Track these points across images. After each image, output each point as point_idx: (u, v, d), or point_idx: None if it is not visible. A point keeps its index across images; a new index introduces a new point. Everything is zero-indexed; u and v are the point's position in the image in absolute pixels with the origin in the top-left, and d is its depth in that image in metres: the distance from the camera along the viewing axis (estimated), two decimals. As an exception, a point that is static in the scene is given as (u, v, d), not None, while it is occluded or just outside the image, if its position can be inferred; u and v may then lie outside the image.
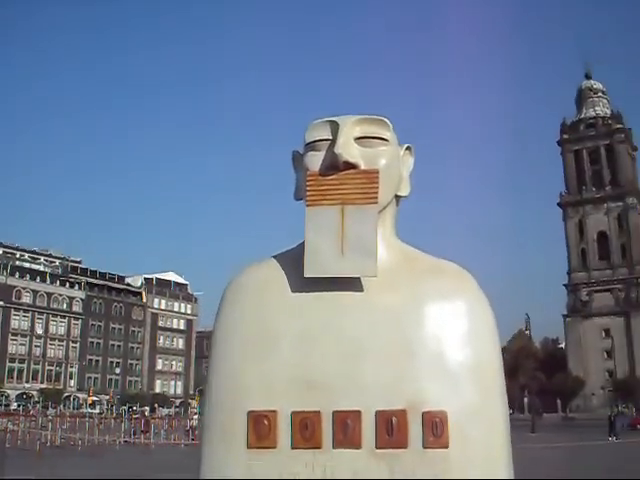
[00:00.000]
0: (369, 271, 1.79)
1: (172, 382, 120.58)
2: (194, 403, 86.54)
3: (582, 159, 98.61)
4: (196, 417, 41.65)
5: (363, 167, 1.87)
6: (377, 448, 1.69)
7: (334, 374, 1.75)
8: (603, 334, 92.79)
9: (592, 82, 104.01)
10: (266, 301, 1.88)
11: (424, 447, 1.68)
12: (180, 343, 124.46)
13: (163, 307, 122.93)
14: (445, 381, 1.74)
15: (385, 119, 1.97)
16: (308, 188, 1.87)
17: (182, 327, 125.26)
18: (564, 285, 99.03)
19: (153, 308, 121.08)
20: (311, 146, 1.95)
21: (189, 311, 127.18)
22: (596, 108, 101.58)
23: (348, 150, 1.86)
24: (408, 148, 2.10)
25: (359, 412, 1.71)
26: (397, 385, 1.73)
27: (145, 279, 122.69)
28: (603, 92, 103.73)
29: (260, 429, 1.74)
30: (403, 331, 1.79)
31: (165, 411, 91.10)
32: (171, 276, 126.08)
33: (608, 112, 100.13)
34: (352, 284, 1.84)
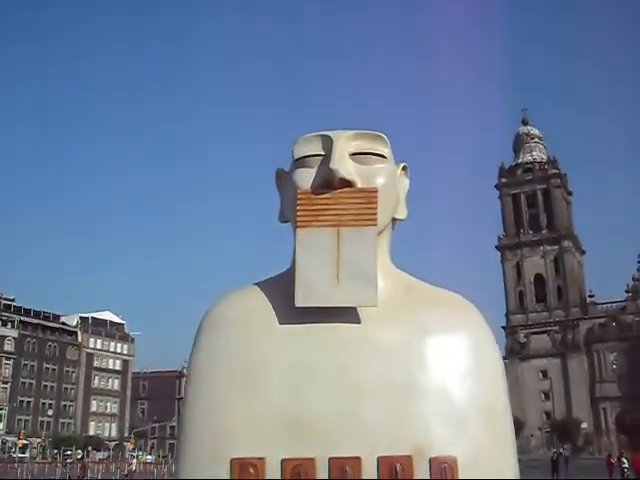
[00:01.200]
0: (369, 301, 1.61)
1: (107, 424, 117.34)
2: (129, 446, 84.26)
3: (520, 203, 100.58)
4: (135, 461, 40.40)
5: (360, 185, 1.69)
6: None
7: (330, 415, 1.54)
8: (540, 375, 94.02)
9: (529, 128, 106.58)
10: (251, 333, 1.67)
11: None
12: (116, 384, 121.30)
13: (99, 347, 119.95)
14: (453, 423, 1.55)
15: (382, 135, 1.81)
16: (299, 207, 1.67)
17: (118, 367, 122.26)
18: (502, 327, 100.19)
19: (89, 348, 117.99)
20: (301, 162, 1.77)
21: (125, 351, 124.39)
22: (533, 153, 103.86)
23: (344, 166, 1.68)
24: (404, 168, 1.93)
25: (359, 459, 1.51)
26: (401, 428, 1.54)
27: (81, 318, 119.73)
28: (539, 138, 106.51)
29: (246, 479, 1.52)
30: (406, 368, 1.60)
31: (99, 455, 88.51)
32: (107, 315, 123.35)
33: (544, 157, 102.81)
34: (348, 315, 1.65)
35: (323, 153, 1.74)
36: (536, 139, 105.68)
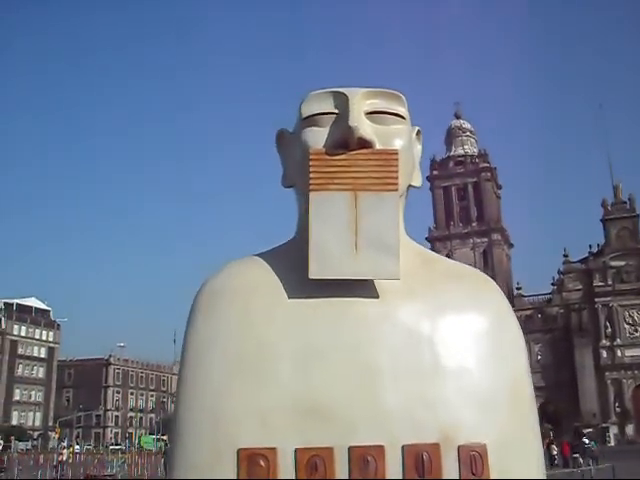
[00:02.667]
0: (391, 273, 1.45)
1: (30, 413, 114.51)
2: (55, 435, 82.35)
3: (451, 195, 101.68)
4: (66, 452, 39.13)
5: (378, 147, 1.53)
6: None
7: (348, 400, 1.39)
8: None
9: (461, 121, 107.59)
10: (257, 310, 1.49)
11: None
12: (40, 372, 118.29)
13: (23, 334, 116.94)
14: (480, 407, 1.42)
15: (400, 93, 1.63)
16: (312, 169, 1.50)
17: (43, 355, 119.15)
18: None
19: (12, 335, 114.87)
20: (310, 120, 1.59)
21: (51, 338, 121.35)
22: (465, 147, 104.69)
23: (363, 125, 1.52)
24: (418, 132, 1.76)
25: (382, 447, 1.35)
26: (426, 413, 1.39)
27: (4, 304, 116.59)
28: (471, 131, 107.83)
29: (255, 472, 1.34)
30: (428, 347, 1.46)
31: (22, 445, 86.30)
32: (33, 302, 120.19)
33: (476, 151, 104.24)
34: (365, 289, 1.49)
35: (336, 111, 1.57)
36: (468, 132, 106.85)
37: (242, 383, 1.41)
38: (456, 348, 1.47)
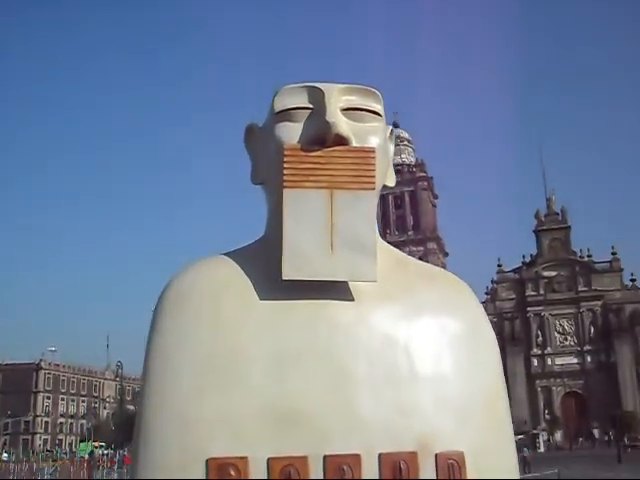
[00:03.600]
0: (367, 275, 1.41)
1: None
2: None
3: (388, 204, 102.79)
4: None
5: (354, 144, 1.49)
6: None
7: (324, 408, 1.33)
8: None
9: (400, 130, 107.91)
10: (228, 312, 1.43)
11: None
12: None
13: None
14: (457, 414, 1.39)
15: (376, 90, 1.59)
16: (286, 165, 1.44)
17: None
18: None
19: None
20: (284, 115, 1.53)
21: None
22: (402, 155, 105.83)
23: (340, 121, 1.48)
24: (391, 131, 1.72)
25: (358, 456, 1.31)
26: (403, 420, 1.35)
27: None
28: (409, 141, 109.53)
29: None
30: (405, 353, 1.42)
31: None
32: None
33: (413, 160, 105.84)
34: (341, 292, 1.44)
35: (311, 106, 1.52)
36: (405, 142, 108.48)
37: (213, 388, 1.34)
38: (433, 354, 1.43)
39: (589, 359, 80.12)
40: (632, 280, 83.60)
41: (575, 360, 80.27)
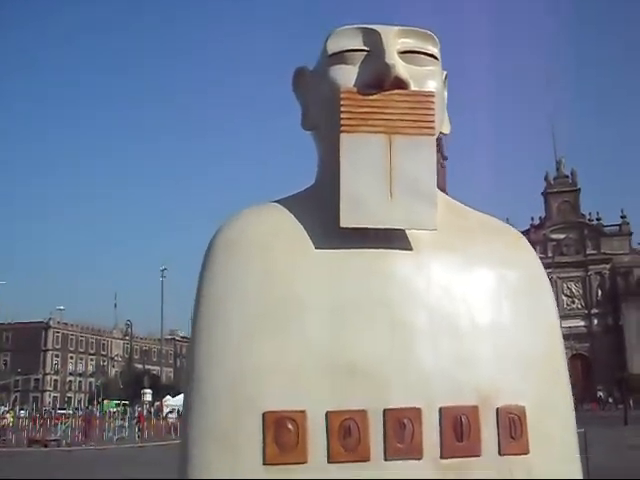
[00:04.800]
0: (427, 223, 1.36)
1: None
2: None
3: None
4: (9, 416, 37.91)
5: (413, 88, 1.43)
6: (443, 458, 1.26)
7: (382, 360, 1.29)
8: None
9: None
10: (280, 261, 1.38)
11: (501, 454, 1.29)
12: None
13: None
14: (519, 369, 1.36)
15: (432, 33, 1.53)
16: (343, 109, 1.38)
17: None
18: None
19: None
20: (338, 57, 1.47)
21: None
22: None
23: (399, 64, 1.41)
24: (446, 76, 1.63)
25: (419, 410, 1.27)
26: (464, 373, 1.32)
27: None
28: None
29: (283, 437, 1.24)
30: (465, 305, 1.38)
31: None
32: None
33: None
34: (398, 241, 1.39)
35: (367, 48, 1.46)
36: None
37: (266, 340, 1.29)
38: (493, 306, 1.40)
39: (596, 322, 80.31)
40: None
41: (582, 323, 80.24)
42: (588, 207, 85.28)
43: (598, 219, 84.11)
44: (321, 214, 1.41)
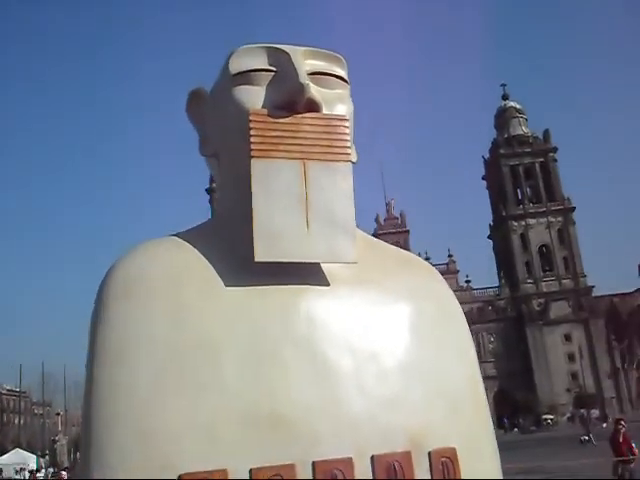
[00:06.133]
0: (347, 255, 1.27)
1: None
2: None
3: (518, 175, 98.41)
4: None
5: (324, 111, 1.35)
6: None
7: (308, 407, 1.17)
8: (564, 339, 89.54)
9: (513, 102, 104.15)
10: (189, 300, 1.23)
11: None
12: None
13: None
14: (447, 408, 1.29)
15: (340, 56, 1.46)
16: (253, 132, 1.27)
17: None
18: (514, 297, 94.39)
19: None
20: (243, 77, 1.36)
21: None
22: (522, 127, 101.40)
23: (312, 85, 1.33)
24: None
25: (350, 460, 1.16)
26: (393, 417, 1.22)
27: None
28: (519, 111, 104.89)
29: None
30: (388, 343, 1.29)
31: None
32: None
33: (528, 131, 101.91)
34: (315, 275, 1.30)
35: (273, 68, 1.37)
36: (519, 113, 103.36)
37: (179, 391, 1.13)
38: (415, 341, 1.32)
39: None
40: (467, 281, 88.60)
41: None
42: (417, 248, 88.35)
43: (427, 258, 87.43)
44: (229, 248, 1.29)
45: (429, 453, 1.22)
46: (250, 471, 1.10)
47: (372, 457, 1.17)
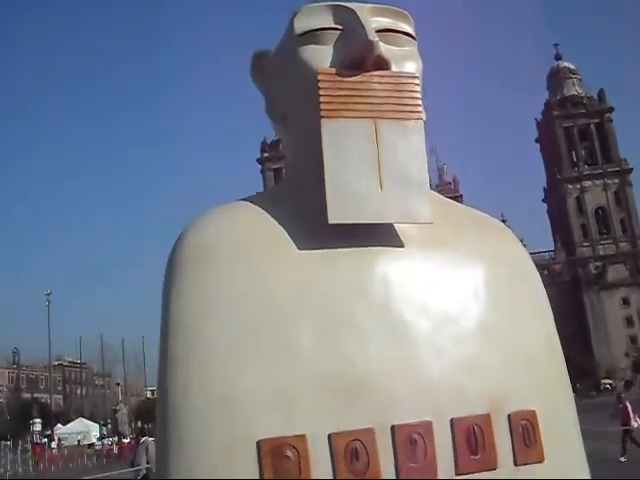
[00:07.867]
0: (422, 216, 1.23)
1: None
2: None
3: (572, 136, 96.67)
4: None
5: (394, 69, 1.30)
6: (458, 474, 1.14)
7: (385, 371, 1.15)
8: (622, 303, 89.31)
9: (567, 63, 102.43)
10: (263, 267, 1.21)
11: (516, 464, 1.17)
12: None
13: None
14: (526, 370, 1.25)
15: (406, 12, 1.41)
16: (322, 92, 1.24)
17: None
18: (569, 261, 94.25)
19: None
20: (308, 37, 1.33)
21: None
22: (576, 88, 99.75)
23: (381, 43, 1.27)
24: None
25: (429, 423, 1.13)
26: (474, 381, 1.20)
27: None
28: (573, 72, 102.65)
29: (283, 466, 1.07)
30: (466, 307, 1.26)
31: None
32: None
33: (582, 92, 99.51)
34: (389, 236, 1.26)
35: (339, 27, 1.32)
36: (574, 74, 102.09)
37: (256, 359, 1.12)
38: (492, 304, 1.28)
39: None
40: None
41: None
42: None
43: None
44: (301, 211, 1.27)
45: (509, 416, 1.19)
46: (329, 436, 1.09)
47: (451, 420, 1.15)
